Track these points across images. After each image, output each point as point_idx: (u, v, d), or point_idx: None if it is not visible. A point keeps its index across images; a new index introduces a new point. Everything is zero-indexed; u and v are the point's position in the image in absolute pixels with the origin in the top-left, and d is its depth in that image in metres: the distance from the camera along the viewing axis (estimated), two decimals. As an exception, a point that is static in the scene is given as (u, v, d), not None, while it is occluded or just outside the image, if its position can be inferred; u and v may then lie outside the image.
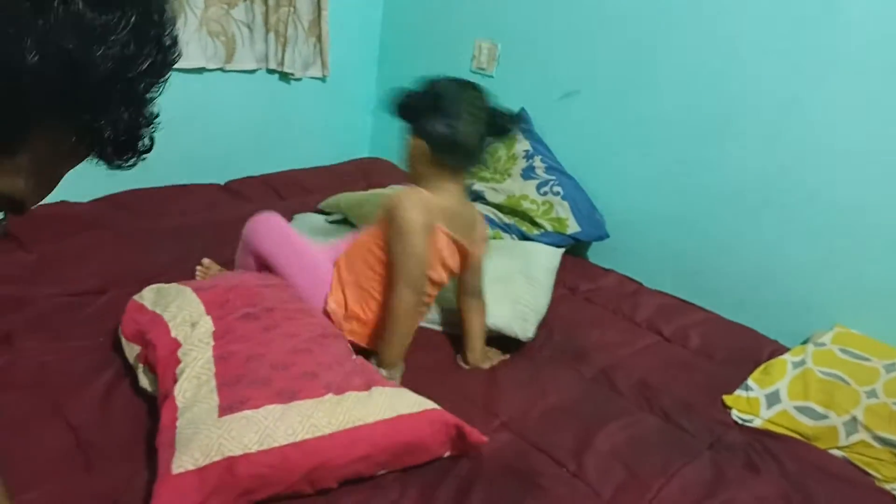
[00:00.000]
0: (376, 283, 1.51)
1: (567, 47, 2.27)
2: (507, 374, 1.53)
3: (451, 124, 1.44)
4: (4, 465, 1.06)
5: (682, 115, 2.02)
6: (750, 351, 1.73)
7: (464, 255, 1.53)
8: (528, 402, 1.43)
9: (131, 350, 1.31)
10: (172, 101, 0.96)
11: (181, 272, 1.67)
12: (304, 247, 1.61)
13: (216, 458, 1.01)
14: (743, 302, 1.95)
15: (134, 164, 0.61)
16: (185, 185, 2.30)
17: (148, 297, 1.39)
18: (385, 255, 1.48)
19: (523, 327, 1.64)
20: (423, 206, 1.43)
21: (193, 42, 2.32)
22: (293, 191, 2.41)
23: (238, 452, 1.02)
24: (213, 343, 1.23)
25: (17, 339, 1.38)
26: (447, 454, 1.21)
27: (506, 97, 2.42)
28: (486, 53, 2.50)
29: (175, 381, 1.16)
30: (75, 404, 1.23)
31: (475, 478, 1.19)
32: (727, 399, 1.52)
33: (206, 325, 1.27)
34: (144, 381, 1.27)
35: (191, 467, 1.00)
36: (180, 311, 1.30)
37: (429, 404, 1.21)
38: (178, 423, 1.08)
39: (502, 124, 1.51)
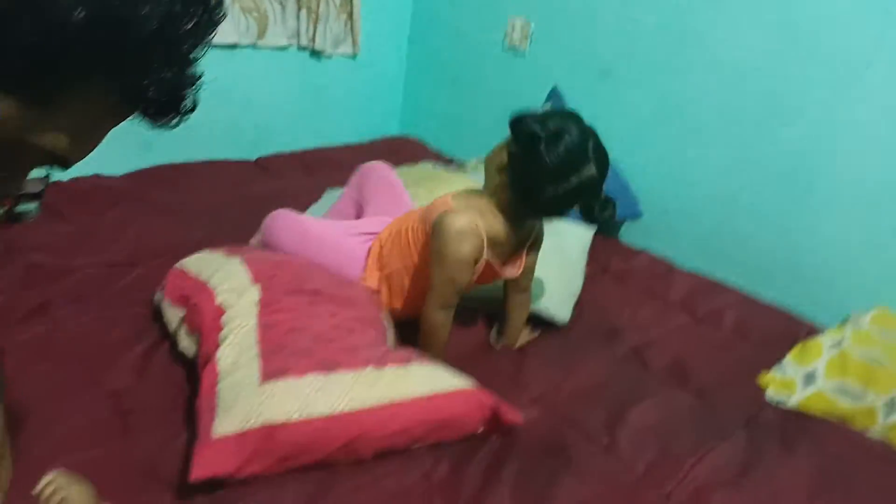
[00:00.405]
0: (408, 281, 1.48)
1: (603, 24, 2.23)
2: (538, 352, 1.53)
3: (552, 186, 1.29)
4: (45, 432, 1.09)
5: (724, 94, 1.98)
6: (786, 332, 1.70)
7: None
8: (559, 379, 1.43)
9: (174, 313, 1.32)
10: (204, 76, 0.96)
11: (213, 247, 1.67)
12: (325, 235, 1.58)
13: (256, 425, 1.02)
14: (779, 283, 1.92)
15: (177, 125, 0.60)
16: (216, 161, 2.31)
17: (191, 264, 1.40)
18: (422, 261, 1.44)
19: (560, 311, 1.63)
20: (475, 239, 1.32)
21: (226, 18, 2.32)
22: (323, 167, 2.41)
23: (278, 420, 1.03)
24: (258, 311, 1.23)
25: (54, 309, 1.40)
26: (480, 430, 1.22)
27: (538, 76, 2.42)
28: (519, 31, 2.47)
29: (217, 346, 1.17)
30: (113, 372, 1.25)
31: (507, 452, 1.18)
32: (762, 379, 1.50)
33: (254, 294, 1.27)
34: (186, 344, 1.28)
35: (231, 432, 1.02)
36: (227, 279, 1.30)
37: (466, 382, 1.21)
38: (218, 388, 1.10)
39: (593, 212, 1.37)
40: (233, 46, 2.37)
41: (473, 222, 1.33)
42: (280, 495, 1.03)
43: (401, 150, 2.69)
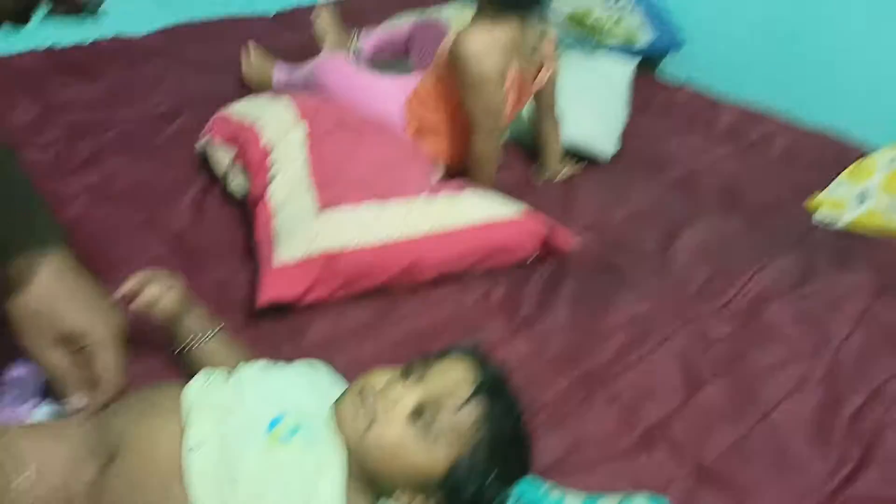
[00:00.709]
0: (445, 126, 1.44)
1: None
2: (584, 184, 1.52)
3: None
4: (112, 273, 1.12)
5: None
6: (837, 157, 1.65)
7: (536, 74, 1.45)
8: (608, 207, 1.42)
9: (224, 154, 1.32)
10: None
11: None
12: (371, 83, 1.54)
13: (317, 252, 1.05)
14: (830, 108, 1.85)
15: None
16: (235, 17, 2.23)
17: (236, 109, 1.38)
18: (454, 98, 1.40)
19: (604, 144, 1.60)
20: (495, 50, 1.30)
21: None
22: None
23: (338, 247, 1.06)
24: (307, 146, 1.23)
25: (104, 158, 1.41)
26: (535, 256, 1.23)
27: None
28: None
29: (267, 184, 1.17)
30: (170, 213, 1.27)
31: (563, 273, 1.20)
32: (811, 202, 1.48)
33: (300, 130, 1.26)
34: (238, 182, 1.28)
35: (292, 260, 1.04)
36: (272, 119, 1.29)
37: (520, 208, 1.22)
38: (273, 222, 1.11)
39: None
40: None
41: (486, 35, 1.32)
42: (341, 321, 1.07)
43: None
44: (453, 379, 0.76)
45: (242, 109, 1.38)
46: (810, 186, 1.53)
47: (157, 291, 0.85)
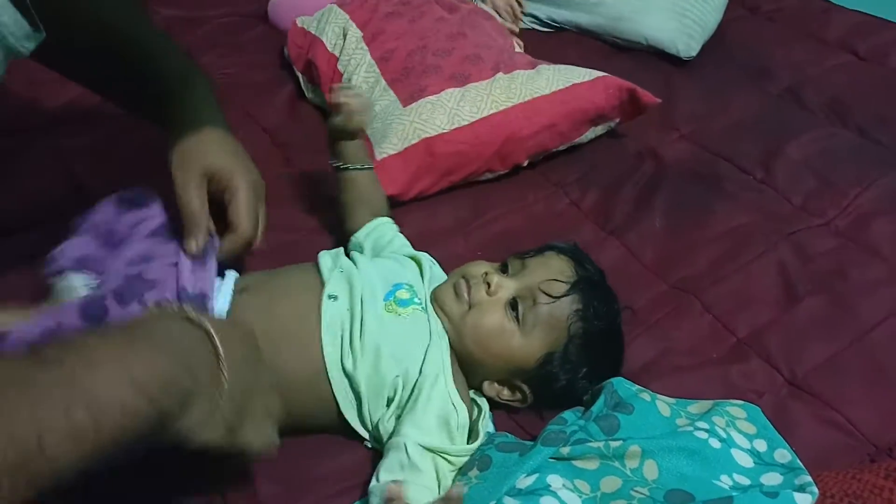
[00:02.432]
0: None
1: None
2: (684, 90, 1.45)
3: None
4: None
5: None
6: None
7: None
8: (709, 115, 1.36)
9: (297, 71, 1.35)
10: None
11: None
12: None
13: (414, 141, 1.06)
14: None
15: None
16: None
17: (307, 20, 1.38)
18: None
19: (687, 44, 1.51)
20: None
21: None
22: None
23: (433, 133, 1.07)
24: (367, 48, 1.23)
25: (195, 55, 1.42)
26: (618, 121, 1.23)
27: None
28: None
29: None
30: (265, 110, 1.29)
31: (658, 181, 1.17)
32: (933, 114, 1.38)
33: (355, 32, 1.26)
34: (313, 94, 1.31)
35: (392, 152, 1.06)
36: (329, 27, 1.30)
37: (599, 73, 1.21)
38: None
39: None
40: None
41: None
42: (433, 219, 1.09)
43: None
44: (551, 272, 0.78)
45: (312, 21, 1.37)
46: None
47: (359, 107, 0.91)
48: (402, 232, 0.98)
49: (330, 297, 0.75)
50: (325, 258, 0.82)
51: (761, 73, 1.52)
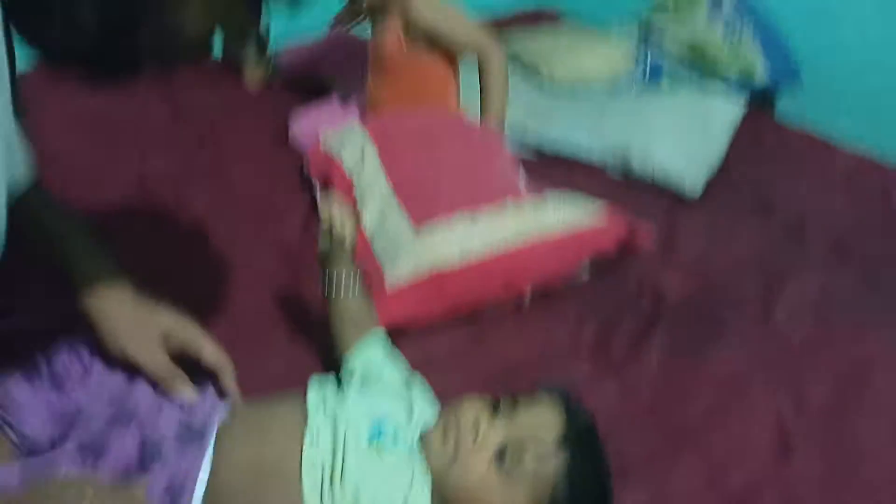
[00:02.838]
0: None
1: None
2: (688, 224, 1.48)
3: None
4: (227, 275, 1.18)
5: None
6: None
7: None
8: (710, 250, 1.38)
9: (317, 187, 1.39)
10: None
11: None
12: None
13: (426, 270, 1.09)
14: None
15: None
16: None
17: (326, 140, 1.41)
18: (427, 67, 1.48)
19: (693, 181, 1.56)
20: None
21: None
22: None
23: (444, 268, 1.10)
24: (383, 169, 1.28)
25: (213, 172, 1.48)
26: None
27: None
28: None
29: (358, 214, 1.21)
30: (280, 230, 1.32)
31: (657, 318, 1.18)
32: (934, 260, 1.40)
33: (373, 153, 1.31)
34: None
35: (403, 283, 1.08)
36: (348, 146, 1.34)
37: (602, 206, 1.26)
38: (374, 247, 1.16)
39: None
40: None
41: None
42: (431, 347, 1.09)
43: (541, 21, 2.58)
44: (541, 423, 0.77)
45: (331, 140, 1.40)
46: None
47: (351, 228, 0.94)
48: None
49: (312, 436, 0.76)
50: (313, 391, 0.83)
51: (764, 209, 1.55)
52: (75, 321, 0.85)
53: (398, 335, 1.08)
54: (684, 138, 1.63)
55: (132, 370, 0.83)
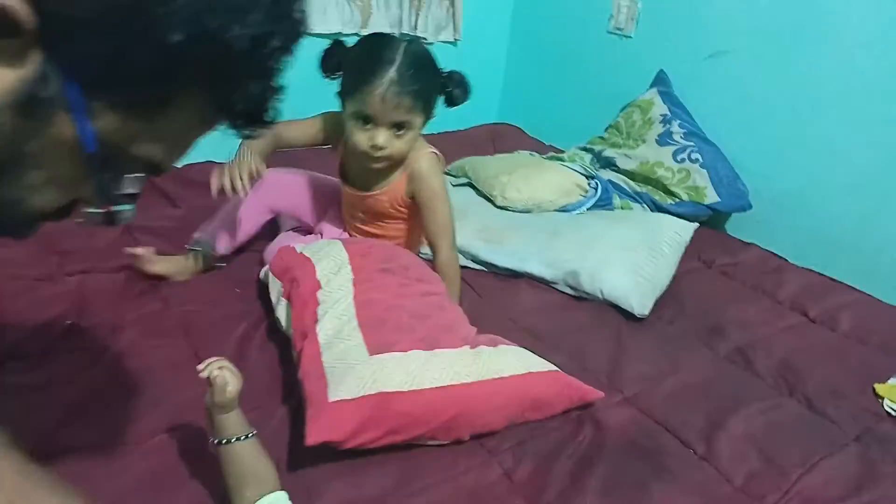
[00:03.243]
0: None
1: (714, 1, 2.11)
2: (633, 347, 1.47)
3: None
4: (159, 403, 1.15)
5: (848, 69, 1.83)
6: (911, 336, 1.57)
7: None
8: (655, 377, 1.37)
9: (275, 286, 1.37)
10: (309, 64, 0.97)
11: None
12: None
13: (372, 392, 1.06)
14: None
15: (258, 134, 0.64)
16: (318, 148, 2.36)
17: (308, 247, 1.43)
18: (408, 224, 1.59)
19: (640, 301, 1.57)
20: (440, 165, 1.53)
21: (331, 7, 2.37)
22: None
23: (391, 389, 1.07)
24: (353, 290, 1.27)
25: (165, 287, 1.49)
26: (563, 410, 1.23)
27: (645, 60, 2.33)
28: (625, 12, 2.38)
29: (316, 320, 1.20)
30: (212, 352, 1.28)
31: (595, 454, 1.15)
32: (880, 388, 1.38)
33: (347, 272, 1.31)
34: (281, 316, 1.32)
35: (345, 397, 1.05)
36: (326, 257, 1.35)
37: (552, 366, 1.24)
38: (324, 358, 1.13)
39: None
40: (337, 34, 2.41)
41: (430, 152, 1.52)
42: (362, 485, 1.05)
43: (500, 137, 2.67)
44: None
45: (308, 247, 1.43)
46: (880, 369, 1.44)
47: (230, 379, 0.94)
48: (322, 499, 0.94)
49: None
50: None
51: (713, 332, 1.55)
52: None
53: (323, 473, 1.04)
54: (633, 259, 1.65)
55: None
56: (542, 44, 2.77)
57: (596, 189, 1.97)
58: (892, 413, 1.33)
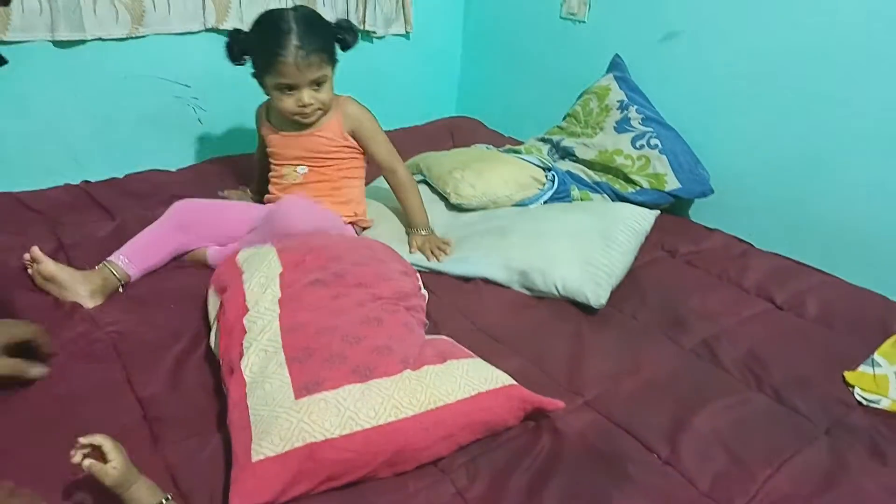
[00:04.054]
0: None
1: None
2: (594, 345, 1.41)
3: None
4: (81, 433, 1.06)
5: (808, 46, 1.78)
6: (878, 320, 1.52)
7: None
8: (617, 376, 1.31)
9: (214, 302, 1.30)
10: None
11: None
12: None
13: (298, 445, 0.96)
14: (871, 263, 1.73)
15: None
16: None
17: (242, 256, 1.36)
18: (356, 157, 1.75)
19: (595, 292, 1.50)
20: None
21: (273, 2, 2.27)
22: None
23: (320, 438, 0.97)
24: (279, 312, 1.18)
25: (96, 308, 1.39)
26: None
27: (598, 44, 2.27)
28: (576, -3, 2.32)
29: (241, 354, 1.11)
30: (145, 376, 1.21)
31: (554, 463, 1.08)
32: (849, 376, 1.34)
33: (275, 290, 1.22)
34: (212, 343, 1.24)
35: (271, 454, 0.96)
36: (257, 273, 1.26)
37: (506, 379, 1.14)
38: (249, 402, 1.04)
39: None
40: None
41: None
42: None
43: (458, 131, 2.60)
44: None
45: (246, 257, 1.34)
46: (849, 355, 1.40)
47: (110, 460, 0.89)
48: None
49: None
50: None
51: (676, 324, 1.49)
52: None
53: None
54: (583, 249, 1.58)
55: None
56: (496, 33, 2.70)
57: (553, 182, 1.89)
58: (863, 402, 1.29)
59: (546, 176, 1.92)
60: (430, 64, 2.78)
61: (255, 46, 1.58)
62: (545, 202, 1.87)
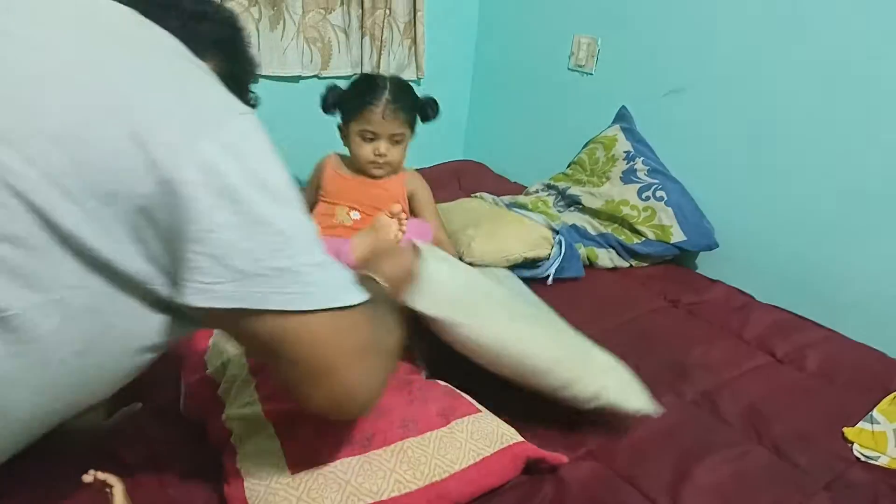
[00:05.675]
0: None
1: (673, 40, 2.12)
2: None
3: None
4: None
5: (812, 107, 1.83)
6: (877, 376, 1.54)
7: None
8: (619, 428, 1.33)
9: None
10: (270, 108, 1.06)
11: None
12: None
13: None
14: (872, 320, 1.76)
15: None
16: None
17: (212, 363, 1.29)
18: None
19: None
20: None
21: (291, 50, 2.34)
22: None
23: None
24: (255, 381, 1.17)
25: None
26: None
27: (606, 96, 2.33)
28: (585, 49, 2.39)
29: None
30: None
31: (555, 520, 1.10)
32: (848, 432, 1.36)
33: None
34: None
35: None
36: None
37: (510, 436, 1.15)
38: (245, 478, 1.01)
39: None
40: (296, 79, 2.39)
41: None
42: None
43: (465, 175, 2.65)
44: None
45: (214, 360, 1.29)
46: (849, 410, 1.42)
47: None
48: None
49: None
50: None
51: (678, 375, 1.51)
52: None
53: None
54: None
55: None
56: (505, 81, 2.77)
57: (560, 245, 1.90)
58: (862, 458, 1.30)
59: (553, 238, 1.93)
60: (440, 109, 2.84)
61: (350, 97, 1.71)
62: (554, 276, 1.86)
